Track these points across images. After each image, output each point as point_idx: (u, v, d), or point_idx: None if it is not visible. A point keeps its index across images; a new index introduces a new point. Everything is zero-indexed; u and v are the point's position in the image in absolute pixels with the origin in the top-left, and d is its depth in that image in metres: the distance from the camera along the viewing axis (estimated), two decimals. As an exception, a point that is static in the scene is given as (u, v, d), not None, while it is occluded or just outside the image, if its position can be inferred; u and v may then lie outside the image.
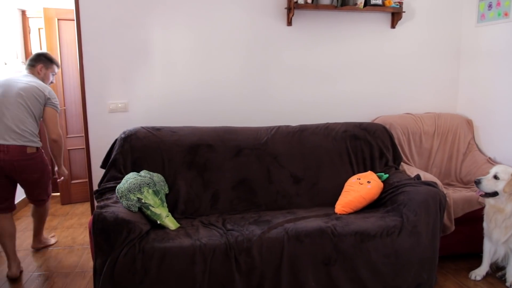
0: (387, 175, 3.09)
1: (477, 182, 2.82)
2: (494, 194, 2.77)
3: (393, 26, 3.72)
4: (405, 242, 2.58)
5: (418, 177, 3.00)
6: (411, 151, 3.67)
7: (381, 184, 2.98)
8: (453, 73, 3.91)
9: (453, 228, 3.03)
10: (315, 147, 3.18)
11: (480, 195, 2.85)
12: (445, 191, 3.01)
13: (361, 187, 2.92)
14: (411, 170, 3.33)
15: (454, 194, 3.13)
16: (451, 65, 3.90)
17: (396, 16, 3.67)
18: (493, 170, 2.81)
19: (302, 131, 3.25)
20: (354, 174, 3.16)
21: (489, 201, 2.85)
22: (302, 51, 3.65)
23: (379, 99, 3.84)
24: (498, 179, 2.75)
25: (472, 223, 3.08)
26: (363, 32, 3.71)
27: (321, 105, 3.74)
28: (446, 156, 3.73)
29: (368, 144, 3.25)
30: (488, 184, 2.78)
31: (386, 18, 3.71)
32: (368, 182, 2.94)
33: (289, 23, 3.56)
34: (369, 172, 3.08)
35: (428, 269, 2.65)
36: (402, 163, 3.45)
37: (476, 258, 3.17)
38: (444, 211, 2.70)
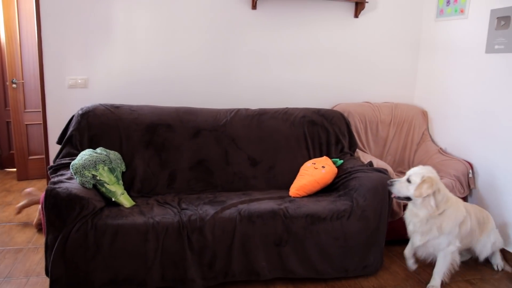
0: (341, 161, 3.18)
1: (390, 185, 2.61)
2: (408, 198, 2.58)
3: (356, 15, 3.79)
4: (354, 226, 2.69)
5: (370, 164, 3.11)
6: (368, 139, 3.78)
7: (335, 170, 3.07)
8: (412, 64, 4.03)
9: (402, 214, 3.15)
10: (273, 131, 3.24)
11: (394, 198, 2.67)
12: (396, 178, 3.13)
13: (316, 172, 3.00)
14: (365, 157, 3.44)
15: (405, 182, 3.26)
16: (410, 57, 4.02)
17: (359, 6, 3.73)
18: (408, 173, 2.59)
19: (261, 114, 3.30)
20: (310, 158, 3.25)
21: (409, 204, 2.68)
22: (266, 35, 3.67)
23: (340, 87, 3.92)
24: (410, 182, 2.53)
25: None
26: (327, 19, 3.76)
27: (282, 90, 3.79)
28: (401, 145, 3.87)
29: (325, 130, 3.33)
30: (400, 187, 2.57)
31: (350, 7, 3.78)
32: (323, 167, 3.03)
33: (254, 6, 3.56)
34: (325, 157, 3.17)
35: (374, 252, 2.78)
36: (358, 150, 3.56)
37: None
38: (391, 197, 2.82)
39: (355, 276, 2.80)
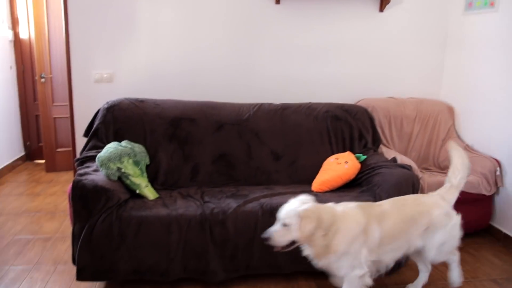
0: (365, 156, 3.15)
1: (267, 238, 2.12)
2: (294, 242, 2.14)
3: (381, 9, 3.73)
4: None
5: (394, 159, 3.07)
6: (392, 134, 3.73)
7: (358, 165, 3.05)
8: (438, 59, 3.95)
9: (425, 210, 3.12)
10: (296, 126, 3.24)
11: (279, 251, 2.19)
12: (420, 175, 3.09)
13: (339, 167, 2.99)
14: (389, 153, 3.39)
15: (430, 178, 3.22)
16: (436, 52, 3.93)
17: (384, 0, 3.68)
18: (281, 216, 2.14)
19: (284, 109, 3.30)
20: (333, 153, 3.23)
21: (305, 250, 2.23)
22: (289, 29, 3.66)
23: (364, 82, 3.87)
24: (287, 225, 2.10)
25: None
26: (351, 13, 3.72)
27: (305, 85, 3.77)
28: (426, 141, 3.80)
29: (349, 125, 3.31)
30: (280, 236, 2.11)
31: (375, 1, 3.72)
32: (346, 162, 3.01)
33: (277, 1, 3.55)
34: (348, 152, 3.15)
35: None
36: (381, 145, 3.52)
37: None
38: (417, 193, 2.78)
39: (377, 272, 2.78)
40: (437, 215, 2.32)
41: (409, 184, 2.70)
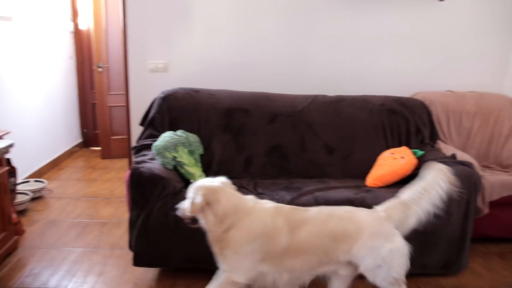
0: (422, 152, 3.04)
1: (176, 210, 2.10)
2: (194, 219, 2.03)
3: (442, -2, 3.57)
4: (435, 221, 2.55)
5: (454, 156, 2.94)
6: (450, 130, 3.58)
7: (415, 161, 2.95)
8: (502, 51, 3.73)
9: (486, 211, 2.98)
10: (351, 119, 3.17)
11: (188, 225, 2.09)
12: (481, 173, 2.95)
13: (394, 162, 2.90)
14: (447, 149, 3.26)
15: (491, 177, 3.06)
16: (501, 43, 3.72)
17: (447, -12, 3.51)
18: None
19: (339, 101, 3.24)
20: (388, 148, 3.14)
21: None
22: (345, 19, 3.57)
23: (420, 74, 3.73)
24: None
25: (508, 208, 3.02)
26: (408, 3, 3.57)
27: (359, 76, 3.68)
28: (486, 138, 3.62)
29: (405, 119, 3.20)
30: (183, 208, 2.05)
31: (436, -11, 3.56)
32: (402, 157, 2.92)
33: (334, -10, 3.48)
34: (404, 147, 3.05)
35: (457, 250, 2.63)
36: (438, 141, 3.39)
37: (509, 243, 3.13)
38: (478, 192, 2.66)
39: (434, 273, 2.68)
40: (368, 236, 1.97)
41: (470, 183, 2.59)
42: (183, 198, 2.48)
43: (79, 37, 5.29)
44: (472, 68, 3.76)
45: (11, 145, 2.57)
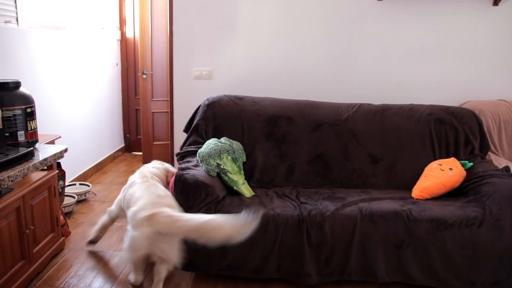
0: (471, 163, 2.93)
1: None
2: None
3: (495, 3, 3.43)
4: (485, 236, 2.45)
5: (507, 168, 2.82)
6: (501, 140, 3.43)
7: (464, 173, 2.84)
8: (559, 59, 3.56)
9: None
10: (397, 128, 3.09)
11: None
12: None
13: (442, 173, 2.80)
14: (498, 161, 3.13)
15: (546, 191, 2.90)
16: (558, 50, 3.54)
17: (500, -8, 3.38)
18: None
19: (385, 110, 3.16)
20: (435, 159, 3.04)
21: None
22: (391, 26, 3.50)
23: (470, 83, 3.60)
24: None
25: None
26: (460, 9, 3.46)
27: (406, 85, 3.59)
28: (541, 150, 3.45)
29: (454, 130, 3.09)
30: None
31: (488, -6, 3.44)
32: (450, 169, 2.81)
33: (379, -3, 3.42)
34: (452, 158, 2.95)
35: (508, 267, 2.50)
36: (489, 152, 3.25)
37: None
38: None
39: (483, 290, 2.56)
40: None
41: (525, 197, 2.46)
42: (226, 205, 2.52)
43: (125, 44, 5.45)
44: (526, 76, 3.60)
45: (65, 150, 2.66)
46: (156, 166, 2.84)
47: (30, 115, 2.50)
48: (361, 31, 3.52)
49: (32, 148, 2.43)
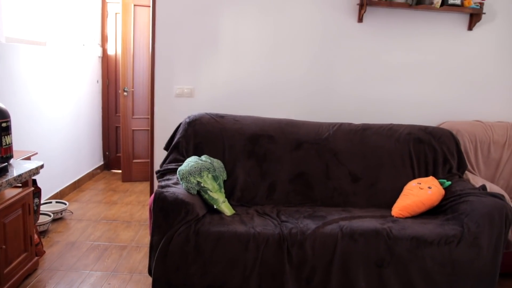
0: (449, 182, 2.97)
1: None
2: None
3: (470, 28, 3.54)
4: (464, 253, 2.48)
5: (483, 187, 2.86)
6: (477, 160, 3.50)
7: (443, 191, 2.88)
8: (531, 81, 3.68)
9: (518, 244, 2.87)
10: (377, 147, 3.13)
11: None
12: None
13: (421, 192, 2.83)
14: (475, 180, 3.18)
15: (522, 210, 2.96)
16: (530, 73, 3.66)
17: (474, 17, 3.49)
18: None
19: (365, 129, 3.20)
20: (414, 178, 3.08)
21: None
22: (371, 49, 3.57)
23: (447, 104, 3.68)
24: None
25: (539, 242, 2.90)
26: (436, 33, 3.56)
27: (385, 105, 3.65)
28: (516, 169, 3.52)
29: (432, 149, 3.14)
30: None
31: (464, 19, 3.54)
32: (429, 187, 2.85)
33: (360, 19, 3.49)
34: (431, 177, 2.98)
35: (486, 285, 2.53)
36: (466, 172, 3.31)
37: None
38: (510, 226, 2.56)
39: (463, 309, 2.57)
40: None
41: (502, 215, 2.51)
42: (206, 223, 2.48)
43: (106, 61, 5.42)
44: (501, 98, 3.70)
45: (41, 166, 2.60)
46: None
47: (5, 130, 2.44)
48: (342, 52, 3.58)
49: (6, 163, 2.36)
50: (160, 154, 3.51)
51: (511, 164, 3.52)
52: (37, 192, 3.16)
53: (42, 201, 3.71)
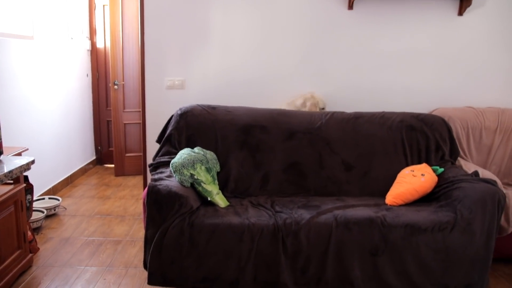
0: (442, 169, 2.98)
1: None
2: None
3: (460, 13, 3.53)
4: (457, 239, 2.49)
5: (476, 173, 2.88)
6: (469, 146, 3.51)
7: (436, 178, 2.88)
8: (522, 67, 3.68)
9: (510, 230, 2.90)
10: (369, 135, 3.12)
11: None
12: (504, 190, 2.87)
13: (415, 179, 2.84)
14: (468, 166, 3.19)
15: (515, 195, 2.98)
16: (521, 59, 3.67)
17: (464, 3, 3.48)
18: None
19: (357, 118, 3.19)
20: (407, 165, 3.08)
21: None
22: (362, 36, 3.56)
23: (439, 90, 3.68)
24: None
25: (531, 226, 2.93)
26: (427, 19, 3.55)
27: (377, 93, 3.64)
28: (508, 154, 3.53)
29: (425, 136, 3.15)
30: None
31: (454, 4, 3.53)
32: (422, 174, 2.85)
33: (350, 7, 3.47)
34: (424, 164, 2.99)
35: (479, 270, 2.54)
36: (459, 158, 3.32)
37: (532, 263, 3.04)
38: (502, 211, 2.58)
39: (457, 294, 2.59)
40: None
41: (494, 201, 2.51)
42: (200, 216, 2.48)
43: (95, 54, 5.36)
44: (492, 84, 3.70)
45: (32, 162, 2.56)
46: None
47: (-5, 127, 2.41)
48: (332, 40, 3.56)
49: (-4, 160, 2.33)
50: (152, 147, 3.49)
51: (503, 150, 3.54)
52: (29, 189, 3.13)
53: (34, 198, 3.68)
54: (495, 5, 3.55)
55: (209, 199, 2.66)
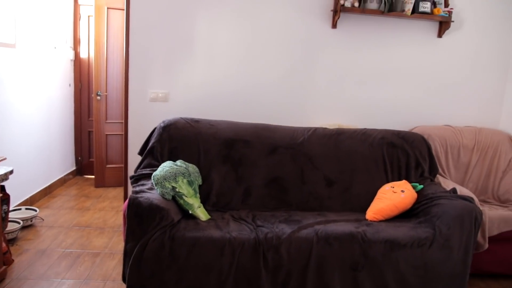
0: (421, 185, 3.04)
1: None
2: None
3: (439, 35, 3.64)
4: (436, 255, 2.53)
5: (454, 190, 2.94)
6: (448, 164, 3.59)
7: (415, 194, 2.93)
8: (498, 86, 3.80)
9: (486, 246, 2.95)
10: (351, 152, 3.16)
11: None
12: (481, 207, 2.93)
13: (395, 196, 2.88)
14: (446, 183, 3.26)
15: (490, 212, 3.05)
16: (497, 79, 3.79)
17: (444, 25, 3.59)
18: None
19: (339, 134, 3.24)
20: (388, 182, 3.13)
21: None
22: (345, 54, 3.63)
23: (419, 109, 3.77)
24: None
25: (507, 243, 3.00)
26: (408, 39, 3.65)
27: (359, 110, 3.71)
28: (484, 172, 3.63)
29: (405, 153, 3.20)
30: None
31: (433, 26, 3.64)
32: (402, 191, 2.90)
33: (334, 25, 3.54)
34: (404, 181, 3.04)
35: (457, 285, 2.59)
36: (437, 175, 3.39)
37: (508, 279, 3.08)
38: (479, 227, 2.63)
39: (436, 309, 2.62)
40: None
41: (471, 217, 2.57)
42: (181, 229, 2.46)
43: (79, 64, 5.32)
44: (469, 103, 3.81)
45: (11, 172, 2.52)
46: None
47: (-27, 136, 2.36)
48: (316, 57, 3.62)
49: (-27, 170, 2.29)
50: (134, 159, 3.46)
51: (479, 168, 3.63)
52: (6, 199, 3.06)
53: (10, 208, 3.60)
54: (473, 28, 3.67)
55: (190, 212, 2.65)
